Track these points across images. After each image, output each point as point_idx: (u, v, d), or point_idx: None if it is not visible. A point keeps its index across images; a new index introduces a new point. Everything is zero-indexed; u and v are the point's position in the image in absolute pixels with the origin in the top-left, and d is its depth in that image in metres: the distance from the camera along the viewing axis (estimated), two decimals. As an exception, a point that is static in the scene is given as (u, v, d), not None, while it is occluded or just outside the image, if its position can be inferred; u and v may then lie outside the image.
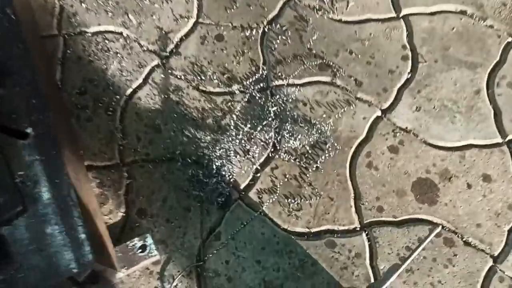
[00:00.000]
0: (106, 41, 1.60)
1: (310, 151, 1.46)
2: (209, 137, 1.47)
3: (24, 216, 1.15)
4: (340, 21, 1.61)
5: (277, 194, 1.42)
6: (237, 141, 1.46)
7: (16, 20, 1.35)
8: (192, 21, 1.63)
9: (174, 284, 1.35)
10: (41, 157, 1.21)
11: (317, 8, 1.62)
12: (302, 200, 1.41)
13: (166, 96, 1.53)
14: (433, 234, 1.24)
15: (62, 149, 1.27)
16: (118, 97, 1.53)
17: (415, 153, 1.45)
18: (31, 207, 1.15)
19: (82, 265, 1.15)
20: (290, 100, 1.51)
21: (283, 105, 1.51)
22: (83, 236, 1.18)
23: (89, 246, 1.18)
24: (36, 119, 1.25)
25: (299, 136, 1.46)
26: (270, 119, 1.49)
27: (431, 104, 1.50)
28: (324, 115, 1.49)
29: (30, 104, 1.26)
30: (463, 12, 1.60)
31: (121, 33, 1.61)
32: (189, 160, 1.45)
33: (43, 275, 1.16)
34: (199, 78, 1.54)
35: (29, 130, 1.23)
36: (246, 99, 1.51)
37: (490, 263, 1.38)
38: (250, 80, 1.53)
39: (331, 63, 1.55)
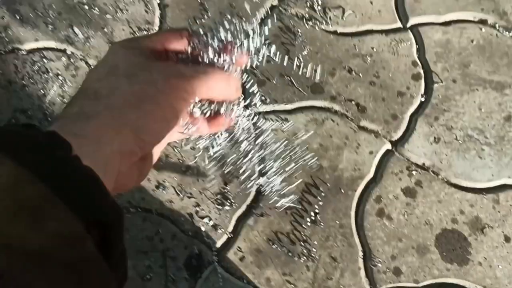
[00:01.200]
0: (45, 60, 1.27)
1: (304, 197, 1.14)
2: (176, 178, 1.14)
3: None
4: (335, 33, 1.31)
5: (264, 254, 1.09)
6: (212, 186, 1.13)
7: None
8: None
9: None
10: None
11: (306, 17, 1.32)
12: (297, 261, 1.08)
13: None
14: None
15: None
16: (57, 130, 1.19)
17: (436, 197, 1.14)
18: None
19: None
20: (278, 131, 1.19)
21: (268, 137, 1.19)
22: None
23: None
24: None
25: (288, 177, 1.14)
26: (252, 155, 1.16)
27: (452, 134, 1.20)
28: (320, 149, 1.18)
29: None
30: (483, 22, 1.32)
31: (64, 50, 1.29)
32: (150, 211, 1.12)
33: None
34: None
35: None
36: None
37: None
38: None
39: (326, 84, 1.24)
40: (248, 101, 0.55)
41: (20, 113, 1.22)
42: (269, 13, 1.34)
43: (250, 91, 0.56)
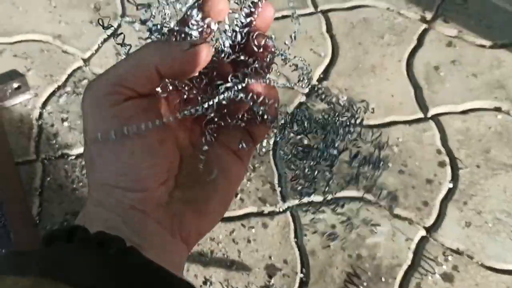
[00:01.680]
0: (93, 164, 1.36)
1: (346, 287, 1.18)
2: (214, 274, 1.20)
3: None
4: (361, 124, 1.40)
5: None
6: (257, 280, 1.18)
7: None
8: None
9: None
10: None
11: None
12: None
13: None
14: None
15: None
16: (107, 231, 1.26)
17: (474, 280, 1.19)
18: None
19: None
20: (314, 222, 1.26)
21: (305, 230, 1.26)
22: None
23: None
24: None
25: (333, 266, 1.20)
26: (290, 249, 1.23)
27: (482, 218, 1.26)
28: (358, 239, 1.24)
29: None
30: (498, 109, 1.42)
31: (110, 153, 1.38)
32: (199, 309, 1.16)
33: None
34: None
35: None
36: (260, 225, 1.26)
37: None
38: (265, 199, 1.29)
39: (358, 174, 1.32)
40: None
41: (71, 216, 1.30)
42: (298, 108, 1.45)
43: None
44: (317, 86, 0.63)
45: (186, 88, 0.38)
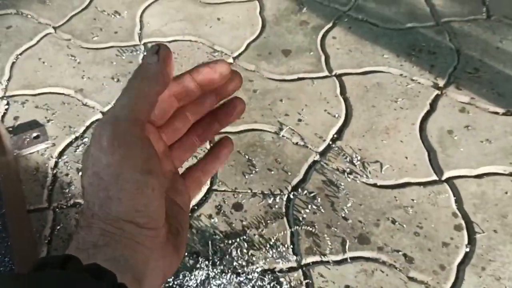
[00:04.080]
0: (104, 214, 1.35)
1: None
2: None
3: None
4: (375, 185, 1.40)
5: None
6: None
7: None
8: (205, 188, 1.41)
9: None
10: None
11: (347, 171, 1.43)
12: None
13: (170, 282, 1.23)
14: None
15: None
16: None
17: None
18: None
19: None
20: (329, 282, 1.22)
21: (314, 287, 1.22)
22: None
23: None
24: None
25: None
26: (304, 307, 1.18)
27: (501, 285, 1.21)
28: (372, 301, 1.19)
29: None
30: (513, 174, 1.41)
31: (122, 204, 1.37)
32: None
33: None
34: (215, 256, 1.27)
35: None
36: (272, 285, 1.22)
37: None
38: (276, 258, 1.26)
39: (372, 235, 1.30)
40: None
41: (79, 266, 1.27)
42: (312, 167, 1.45)
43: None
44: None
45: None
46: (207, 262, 1.25)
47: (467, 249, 1.27)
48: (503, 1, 1.93)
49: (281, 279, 1.22)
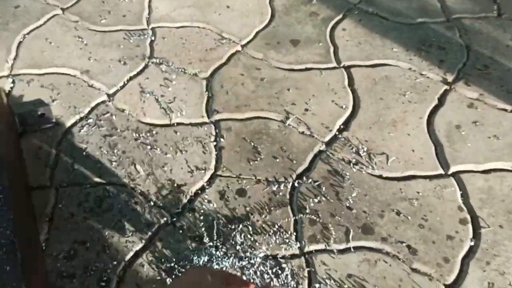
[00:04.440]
0: (107, 195, 1.34)
1: None
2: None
3: None
4: (381, 177, 1.39)
5: None
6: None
7: (2, 169, 1.10)
8: (209, 173, 1.40)
9: None
10: None
11: (353, 162, 1.41)
12: None
13: (171, 266, 1.22)
14: None
15: None
16: (115, 263, 1.22)
17: None
18: None
19: None
20: (331, 271, 1.21)
21: (320, 277, 1.20)
22: None
23: None
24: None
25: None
26: (306, 295, 1.17)
27: (505, 279, 1.20)
28: (375, 291, 1.18)
29: (2, 271, 0.95)
30: (520, 171, 1.40)
31: (125, 185, 1.37)
32: None
33: None
34: (218, 240, 1.25)
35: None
36: (274, 270, 1.21)
37: None
38: (280, 244, 1.25)
39: (376, 226, 1.28)
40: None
41: (79, 245, 1.26)
42: (317, 156, 1.44)
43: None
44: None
45: None
46: (210, 245, 1.23)
47: (472, 243, 1.26)
48: (515, 0, 1.92)
49: (283, 265, 1.21)
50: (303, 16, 1.87)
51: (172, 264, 1.21)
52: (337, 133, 1.50)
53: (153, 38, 1.78)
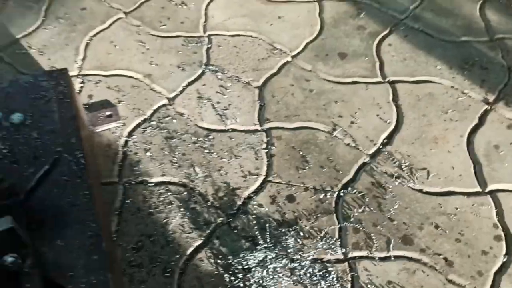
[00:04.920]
0: (169, 193, 1.49)
1: None
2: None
3: None
4: (421, 191, 1.50)
5: None
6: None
7: (85, 164, 1.25)
8: (261, 178, 1.53)
9: None
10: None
11: (395, 175, 1.52)
12: None
13: (227, 263, 1.35)
14: None
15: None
16: (177, 256, 1.36)
17: None
18: None
19: None
20: (373, 276, 1.33)
21: (363, 281, 1.32)
22: None
23: None
24: (96, 280, 1.07)
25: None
26: (348, 297, 1.29)
27: (534, 294, 1.30)
28: (412, 298, 1.30)
29: (90, 260, 1.10)
30: (555, 193, 1.49)
31: (185, 185, 1.51)
32: None
33: None
34: (269, 244, 1.39)
35: (86, 291, 1.05)
36: (321, 273, 1.33)
37: None
38: (326, 249, 1.37)
39: (415, 237, 1.39)
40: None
41: (146, 238, 1.41)
42: (362, 168, 1.55)
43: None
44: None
45: None
46: (264, 246, 1.37)
47: (505, 259, 1.36)
48: (559, 22, 1.97)
49: (330, 269, 1.33)
50: (351, 30, 1.97)
51: (229, 261, 1.35)
52: (381, 146, 1.61)
53: (209, 45, 1.91)
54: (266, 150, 1.60)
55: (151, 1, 2.08)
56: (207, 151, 1.59)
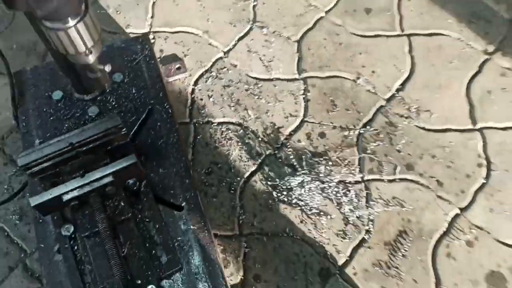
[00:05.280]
0: (229, 131, 1.97)
1: (398, 240, 1.74)
2: (310, 221, 1.79)
3: (180, 273, 1.47)
4: (424, 128, 1.93)
5: (369, 274, 1.70)
6: (336, 224, 1.76)
7: (172, 112, 1.73)
8: (299, 119, 1.98)
9: None
10: (193, 226, 1.54)
11: (405, 116, 1.95)
12: (391, 279, 1.69)
13: (275, 184, 1.86)
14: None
15: (207, 221, 1.59)
16: (238, 179, 1.87)
17: (488, 248, 1.72)
18: (186, 266, 1.47)
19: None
20: (382, 193, 1.81)
21: (374, 197, 1.81)
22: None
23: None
24: (188, 196, 1.59)
25: (389, 229, 1.75)
26: (364, 209, 1.79)
27: (503, 207, 1.77)
28: (411, 208, 1.79)
29: (184, 183, 1.62)
30: (531, 130, 1.90)
31: (241, 125, 1.98)
32: (297, 238, 1.76)
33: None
34: (306, 170, 1.88)
35: (183, 204, 1.57)
36: (344, 191, 1.83)
37: None
38: (348, 173, 1.85)
39: (416, 164, 1.86)
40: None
41: (214, 165, 1.92)
42: (378, 110, 1.98)
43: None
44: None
45: None
46: (302, 172, 1.86)
47: (484, 181, 1.82)
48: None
49: (350, 188, 1.83)
50: (376, -14, 2.29)
51: (276, 183, 1.85)
52: (395, 92, 2.02)
53: (255, 3, 2.28)
54: (303, 96, 2.04)
55: (204, -39, 2.42)
56: (257, 96, 2.04)
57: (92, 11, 1.06)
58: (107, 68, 1.33)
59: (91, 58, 1.16)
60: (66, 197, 1.42)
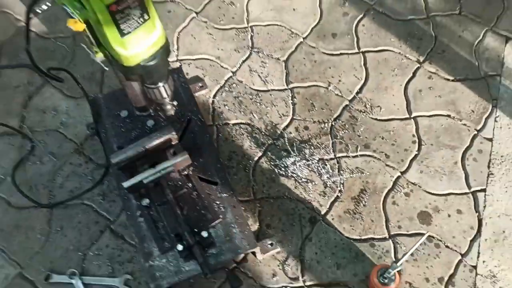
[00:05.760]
0: (241, 129, 2.83)
1: (360, 195, 2.63)
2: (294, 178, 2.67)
3: (221, 224, 2.35)
4: (376, 119, 2.80)
5: (342, 218, 2.59)
6: (319, 188, 2.64)
7: (203, 120, 2.60)
8: (289, 117, 2.85)
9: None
10: (225, 194, 2.42)
11: (363, 111, 2.83)
12: (356, 220, 2.57)
13: (276, 164, 2.73)
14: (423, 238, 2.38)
15: (234, 191, 2.47)
16: (250, 161, 2.74)
17: (419, 197, 2.60)
18: (224, 220, 2.35)
19: (246, 249, 2.32)
20: (348, 165, 2.69)
21: (343, 168, 2.69)
22: (251, 236, 2.36)
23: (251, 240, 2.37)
24: (220, 175, 2.47)
25: (354, 188, 2.64)
26: (337, 176, 2.67)
27: (429, 169, 2.66)
28: (368, 174, 2.67)
29: (217, 167, 2.49)
30: (448, 116, 2.79)
31: (249, 124, 2.84)
32: (293, 198, 2.64)
33: (230, 253, 2.32)
34: (297, 153, 2.75)
35: (217, 181, 2.45)
36: (321, 166, 2.71)
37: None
38: (324, 154, 2.73)
39: (371, 144, 2.74)
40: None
41: (232, 153, 2.77)
42: (344, 108, 2.86)
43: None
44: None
45: None
46: (293, 154, 2.73)
47: (417, 152, 2.70)
48: (474, 0, 3.12)
49: (327, 163, 2.70)
50: (339, 15, 3.16)
51: (276, 163, 2.73)
52: (355, 94, 2.89)
53: (252, 34, 3.13)
54: (291, 101, 2.90)
55: (211, 2, 3.26)
56: (259, 103, 2.90)
57: (170, 77, 1.94)
58: (175, 102, 2.18)
59: (169, 106, 2.05)
60: (146, 180, 2.28)
